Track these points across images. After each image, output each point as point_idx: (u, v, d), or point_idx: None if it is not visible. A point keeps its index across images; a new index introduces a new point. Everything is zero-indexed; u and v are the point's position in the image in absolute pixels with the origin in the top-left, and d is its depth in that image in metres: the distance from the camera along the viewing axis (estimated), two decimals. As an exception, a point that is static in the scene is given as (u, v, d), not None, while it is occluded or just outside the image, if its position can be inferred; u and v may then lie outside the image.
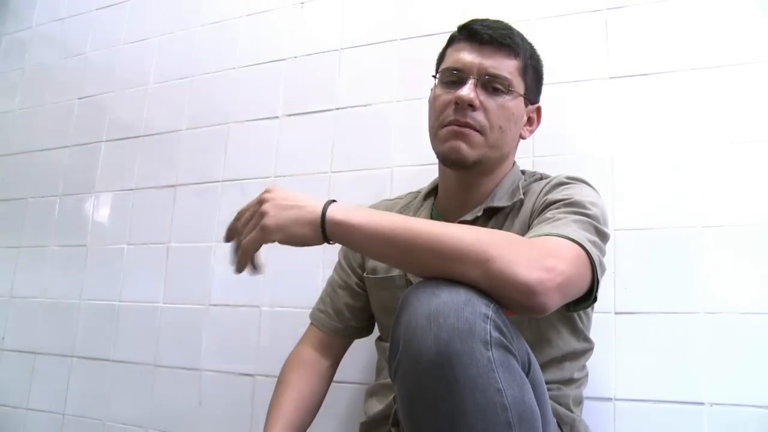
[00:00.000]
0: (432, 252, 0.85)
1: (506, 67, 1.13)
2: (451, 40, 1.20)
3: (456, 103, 1.10)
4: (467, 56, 1.13)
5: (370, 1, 1.78)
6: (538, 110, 1.23)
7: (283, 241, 0.94)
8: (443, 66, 1.18)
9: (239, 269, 0.98)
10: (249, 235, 0.94)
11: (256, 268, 1.00)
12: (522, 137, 1.21)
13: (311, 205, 0.93)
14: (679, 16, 1.41)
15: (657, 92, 1.40)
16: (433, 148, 1.17)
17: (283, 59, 1.86)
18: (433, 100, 1.18)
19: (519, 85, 1.14)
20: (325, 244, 0.94)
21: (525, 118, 1.19)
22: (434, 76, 1.19)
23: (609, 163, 1.40)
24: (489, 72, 1.11)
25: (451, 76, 1.15)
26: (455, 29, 1.19)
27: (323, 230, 0.91)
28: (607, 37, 1.47)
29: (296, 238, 0.93)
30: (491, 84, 1.12)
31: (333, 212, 0.92)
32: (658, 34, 1.42)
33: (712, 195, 1.31)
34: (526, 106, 1.18)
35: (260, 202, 0.95)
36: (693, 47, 1.39)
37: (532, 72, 1.18)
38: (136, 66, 2.12)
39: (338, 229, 0.91)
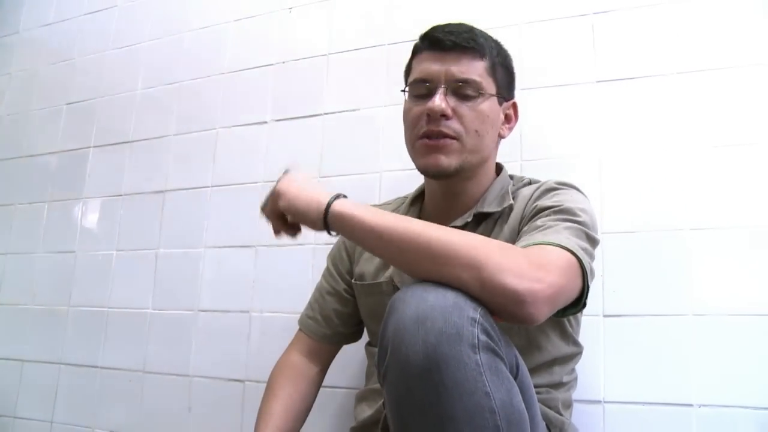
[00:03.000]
0: (425, 253, 0.86)
1: (474, 70, 1.11)
2: (415, 51, 1.18)
3: (428, 115, 1.09)
4: (433, 65, 1.12)
5: (358, 6, 1.78)
6: (514, 106, 1.21)
7: (285, 210, 1.01)
8: (411, 78, 1.17)
9: (275, 233, 1.07)
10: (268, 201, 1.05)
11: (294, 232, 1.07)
12: (501, 136, 1.19)
13: (321, 194, 0.98)
14: (665, 20, 1.42)
15: (643, 96, 1.41)
16: (413, 161, 1.16)
17: (271, 64, 1.86)
18: (405, 114, 1.17)
19: (490, 86, 1.13)
20: (324, 233, 0.99)
21: (502, 117, 1.18)
22: (403, 91, 1.18)
23: (597, 167, 1.41)
24: (457, 78, 1.10)
25: (420, 89, 1.13)
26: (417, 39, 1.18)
27: (325, 217, 0.95)
28: (594, 41, 1.48)
29: (299, 214, 1.00)
30: (461, 90, 1.10)
31: (338, 206, 0.95)
32: (645, 39, 1.43)
33: (698, 198, 1.32)
34: (501, 104, 1.17)
35: (284, 172, 1.06)
36: (678, 51, 1.40)
37: (502, 69, 1.17)
38: (124, 71, 2.12)
39: (341, 221, 0.95)
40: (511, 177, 1.24)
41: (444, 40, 1.11)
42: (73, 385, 1.92)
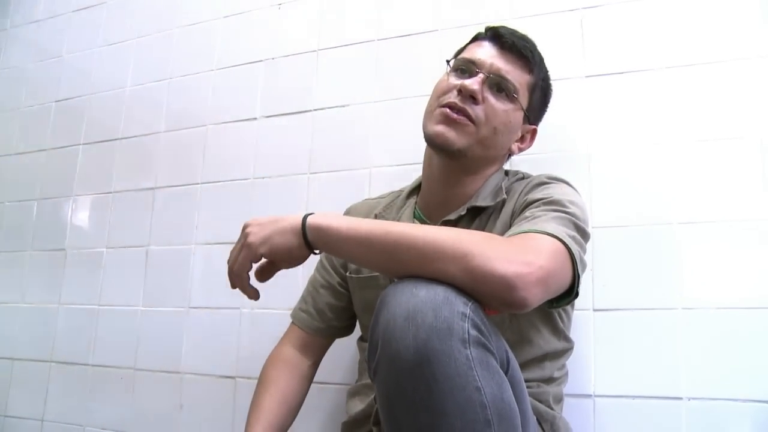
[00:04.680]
0: (410, 251, 0.86)
1: (518, 77, 1.14)
2: (476, 38, 1.22)
3: (459, 91, 1.11)
4: (485, 53, 1.15)
5: (347, 1, 1.78)
6: (533, 132, 1.23)
7: (268, 255, 0.98)
8: (460, 56, 1.20)
9: (250, 296, 1.05)
10: (238, 259, 1.00)
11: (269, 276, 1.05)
12: (511, 152, 1.21)
13: (291, 217, 0.97)
14: (653, 15, 1.43)
15: (632, 90, 1.41)
16: (423, 128, 1.16)
17: (261, 60, 1.85)
18: (438, 84, 1.19)
19: (523, 99, 1.16)
20: (311, 255, 0.98)
21: (518, 134, 1.20)
22: (448, 62, 1.20)
23: (586, 161, 1.42)
24: (500, 73, 1.13)
25: (463, 65, 1.16)
26: (482, 29, 1.21)
27: (305, 236, 0.95)
28: (583, 36, 1.48)
29: (281, 248, 0.97)
30: (498, 85, 1.13)
31: (313, 219, 0.96)
32: (633, 33, 1.44)
33: (687, 192, 1.33)
34: (524, 122, 1.19)
35: (243, 228, 1.01)
36: (667, 46, 1.40)
37: (540, 94, 1.20)
38: (113, 68, 2.11)
39: (319, 233, 0.94)
40: (506, 173, 1.25)
41: (505, 38, 1.15)
42: (64, 383, 1.91)
